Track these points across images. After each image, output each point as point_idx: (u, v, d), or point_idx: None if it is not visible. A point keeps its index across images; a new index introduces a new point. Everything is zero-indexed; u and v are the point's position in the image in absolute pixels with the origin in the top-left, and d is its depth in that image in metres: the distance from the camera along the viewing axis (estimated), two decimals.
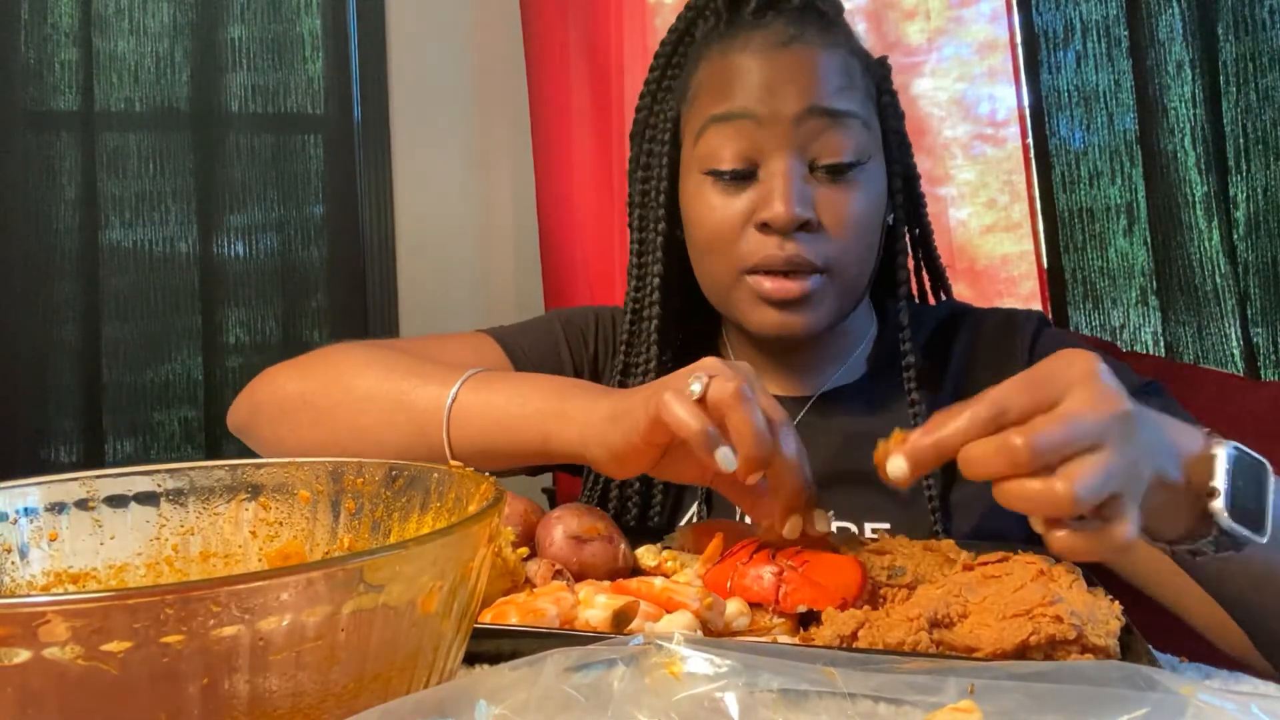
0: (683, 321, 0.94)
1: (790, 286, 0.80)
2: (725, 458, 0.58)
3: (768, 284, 0.81)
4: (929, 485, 0.83)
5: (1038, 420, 0.50)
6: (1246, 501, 0.56)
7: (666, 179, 0.89)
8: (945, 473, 0.84)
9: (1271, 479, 0.58)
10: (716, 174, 0.82)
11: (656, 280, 0.90)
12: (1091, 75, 1.42)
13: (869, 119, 0.83)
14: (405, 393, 0.76)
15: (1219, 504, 0.55)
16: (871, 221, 0.84)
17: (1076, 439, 0.50)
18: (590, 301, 2.06)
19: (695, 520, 0.89)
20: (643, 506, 0.90)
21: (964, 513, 0.83)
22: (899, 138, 0.88)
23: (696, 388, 0.60)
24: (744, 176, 0.82)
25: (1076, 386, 0.52)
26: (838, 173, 0.81)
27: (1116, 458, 0.50)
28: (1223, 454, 0.57)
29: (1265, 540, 0.56)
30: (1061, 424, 0.50)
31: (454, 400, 0.73)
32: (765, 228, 0.80)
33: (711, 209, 0.83)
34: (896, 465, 0.54)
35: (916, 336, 0.89)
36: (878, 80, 0.87)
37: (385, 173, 2.31)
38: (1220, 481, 0.56)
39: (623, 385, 0.92)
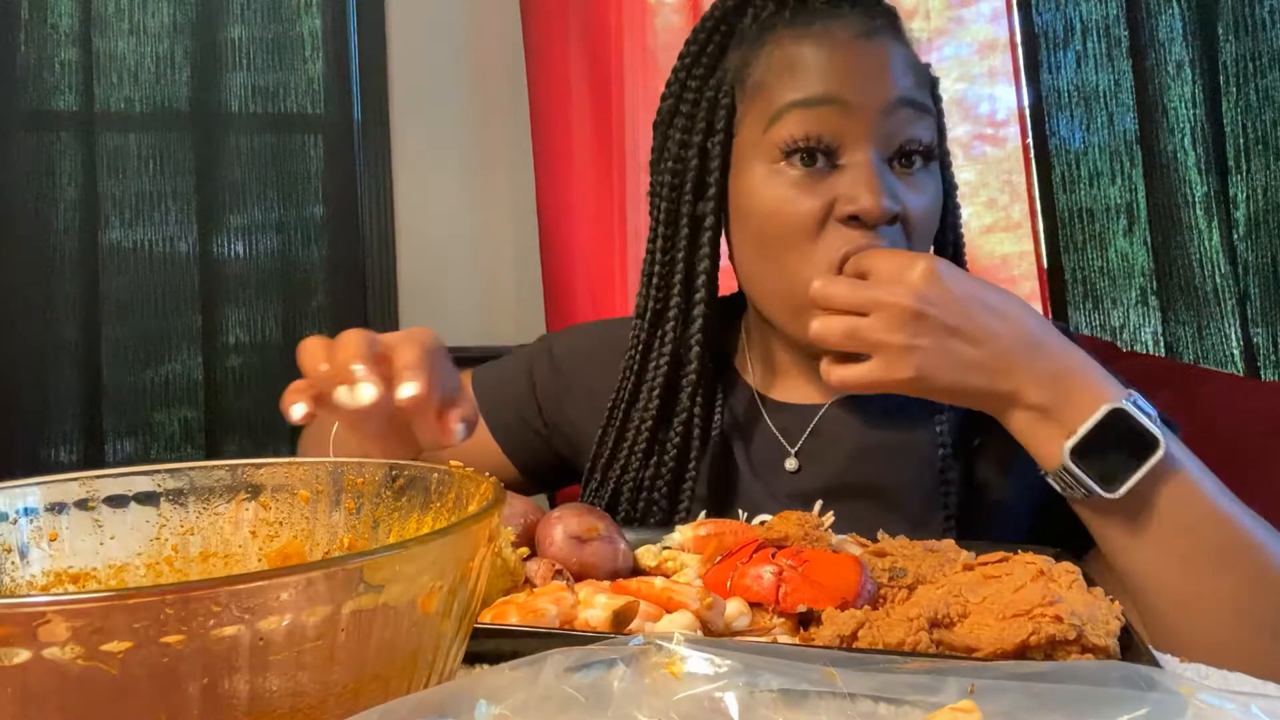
0: (720, 319, 0.90)
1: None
2: (341, 397, 0.60)
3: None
4: (946, 502, 0.81)
5: (854, 285, 0.70)
6: (1112, 458, 0.64)
7: (717, 169, 0.84)
8: (965, 484, 0.83)
9: (1158, 456, 0.64)
10: (793, 156, 0.78)
11: (702, 278, 0.85)
12: (1091, 75, 1.42)
13: (935, 120, 0.83)
14: (319, 440, 0.81)
15: (1067, 443, 0.65)
16: (937, 219, 0.83)
17: (851, 304, 0.69)
18: (590, 301, 2.06)
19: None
20: (669, 508, 0.88)
21: (980, 532, 0.82)
22: (944, 148, 0.86)
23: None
24: (822, 165, 0.78)
25: (901, 280, 0.68)
26: (912, 163, 0.79)
27: (868, 329, 0.68)
28: (1106, 408, 0.65)
29: (1109, 496, 0.64)
30: (854, 293, 0.69)
31: (334, 434, 0.77)
32: (854, 220, 0.76)
33: (787, 200, 0.78)
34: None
35: None
36: (930, 86, 0.85)
37: (385, 173, 2.31)
38: (1083, 426, 0.64)
39: (635, 391, 0.88)
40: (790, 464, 0.87)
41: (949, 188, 0.87)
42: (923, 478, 0.83)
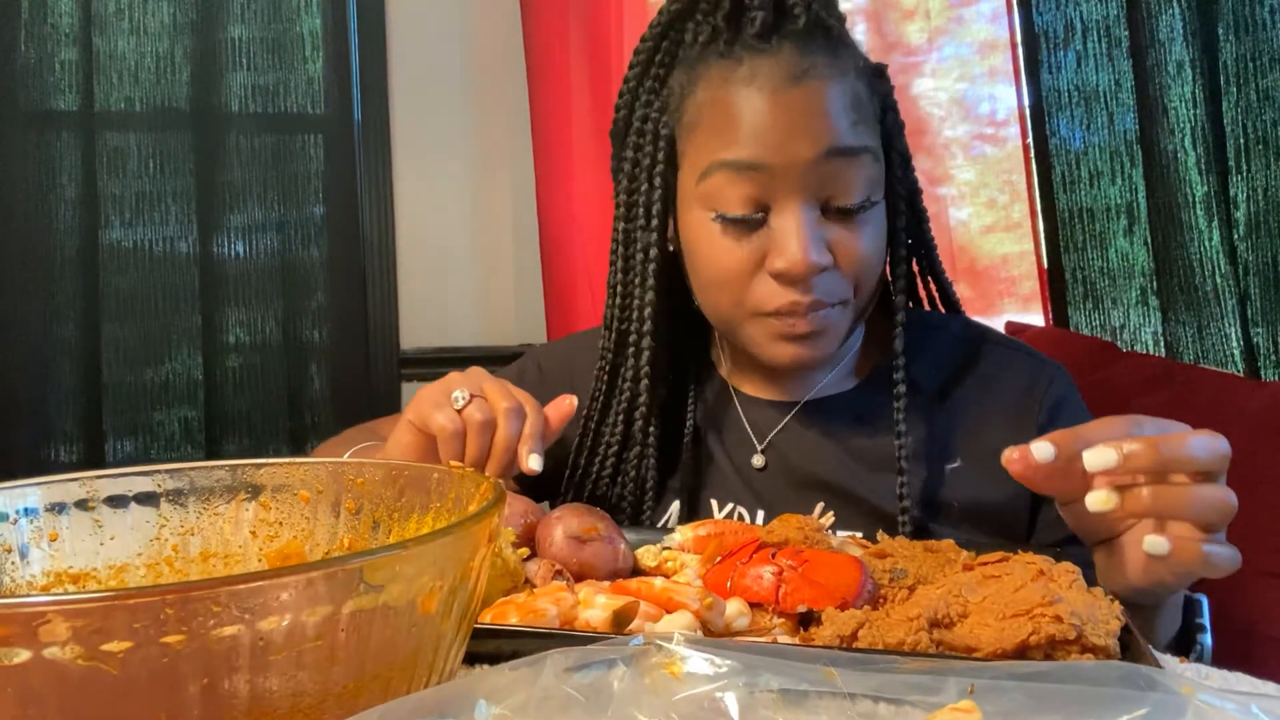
0: (670, 346, 0.91)
1: (807, 322, 0.79)
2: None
3: (786, 323, 0.79)
4: (904, 497, 0.82)
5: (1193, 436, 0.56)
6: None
7: (659, 200, 0.84)
8: (933, 498, 0.84)
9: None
10: (725, 219, 0.79)
11: (648, 310, 0.86)
12: (1091, 75, 1.42)
13: (877, 149, 0.81)
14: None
15: (1207, 638, 0.68)
16: (881, 254, 0.83)
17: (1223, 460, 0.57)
18: (591, 302, 2.06)
19: (676, 518, 0.89)
20: (635, 505, 0.90)
21: (941, 531, 0.83)
22: (901, 155, 0.85)
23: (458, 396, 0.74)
24: (755, 224, 0.79)
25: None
26: (850, 215, 0.79)
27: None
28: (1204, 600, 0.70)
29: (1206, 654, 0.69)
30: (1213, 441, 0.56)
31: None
32: (781, 276, 0.78)
33: (721, 251, 0.80)
34: (1042, 449, 0.57)
35: (925, 348, 0.88)
36: (882, 96, 0.84)
37: (385, 173, 2.31)
38: (1206, 619, 0.70)
39: (604, 409, 0.91)
40: (757, 460, 0.89)
41: (910, 194, 0.87)
42: (886, 482, 0.83)
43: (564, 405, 0.76)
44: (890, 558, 0.63)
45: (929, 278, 0.94)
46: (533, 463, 0.71)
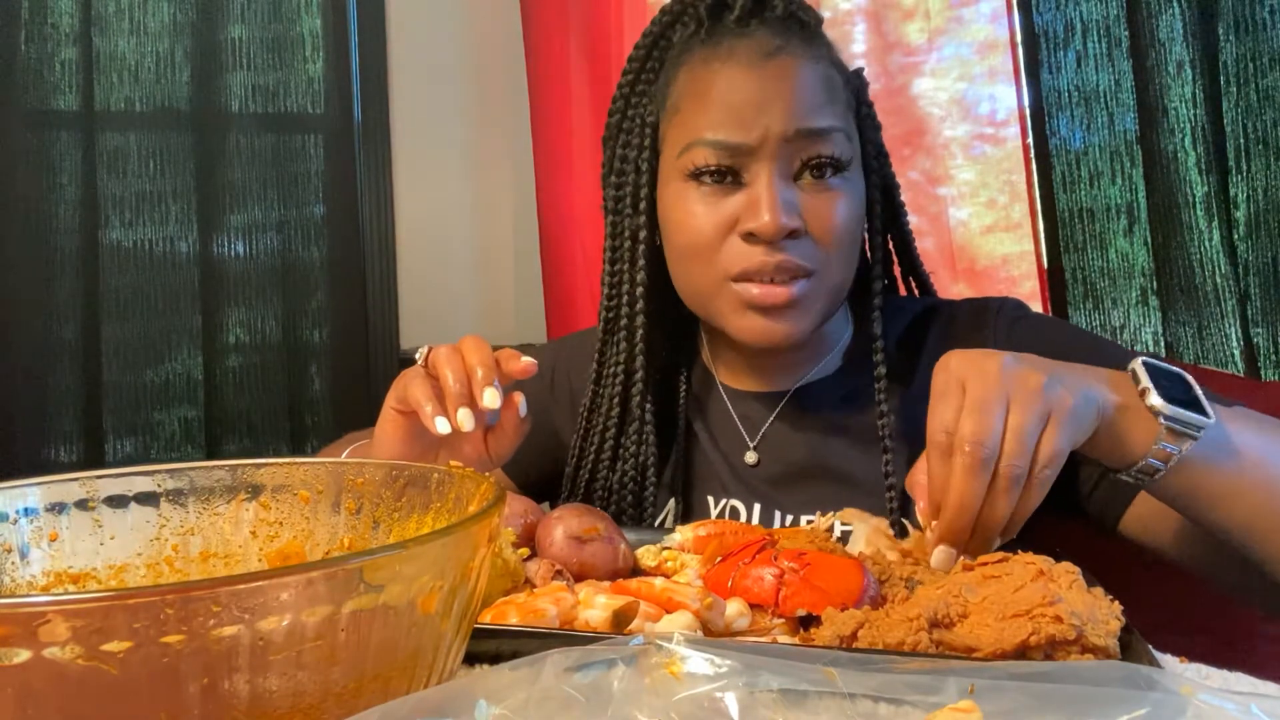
0: (662, 327, 0.93)
1: (778, 292, 0.80)
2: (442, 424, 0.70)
3: (755, 289, 0.80)
4: (889, 475, 0.83)
5: (963, 424, 0.59)
6: (1178, 395, 0.63)
7: (646, 185, 0.87)
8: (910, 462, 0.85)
9: (1194, 382, 0.65)
10: (699, 177, 0.81)
11: (640, 290, 0.89)
12: (1091, 75, 1.42)
13: (850, 132, 0.83)
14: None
15: (1155, 398, 0.62)
16: (854, 229, 0.84)
17: (996, 415, 0.59)
18: (591, 301, 2.06)
19: (673, 516, 0.90)
20: (636, 502, 0.90)
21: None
22: (876, 149, 0.88)
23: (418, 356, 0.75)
24: (729, 182, 0.81)
25: (968, 378, 0.61)
26: (822, 174, 0.80)
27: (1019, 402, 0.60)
28: (1139, 362, 0.65)
29: (1213, 420, 0.62)
30: (977, 414, 0.59)
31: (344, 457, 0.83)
32: (751, 237, 0.79)
33: (693, 215, 0.82)
34: (941, 557, 0.62)
35: (891, 331, 0.89)
36: (856, 92, 0.86)
37: (385, 173, 2.31)
38: (1146, 381, 0.63)
39: (595, 395, 0.92)
40: (750, 457, 0.90)
41: (886, 186, 0.90)
42: (879, 458, 0.85)
43: (520, 363, 0.75)
44: (916, 564, 0.64)
45: (910, 276, 0.96)
46: (488, 398, 0.70)
